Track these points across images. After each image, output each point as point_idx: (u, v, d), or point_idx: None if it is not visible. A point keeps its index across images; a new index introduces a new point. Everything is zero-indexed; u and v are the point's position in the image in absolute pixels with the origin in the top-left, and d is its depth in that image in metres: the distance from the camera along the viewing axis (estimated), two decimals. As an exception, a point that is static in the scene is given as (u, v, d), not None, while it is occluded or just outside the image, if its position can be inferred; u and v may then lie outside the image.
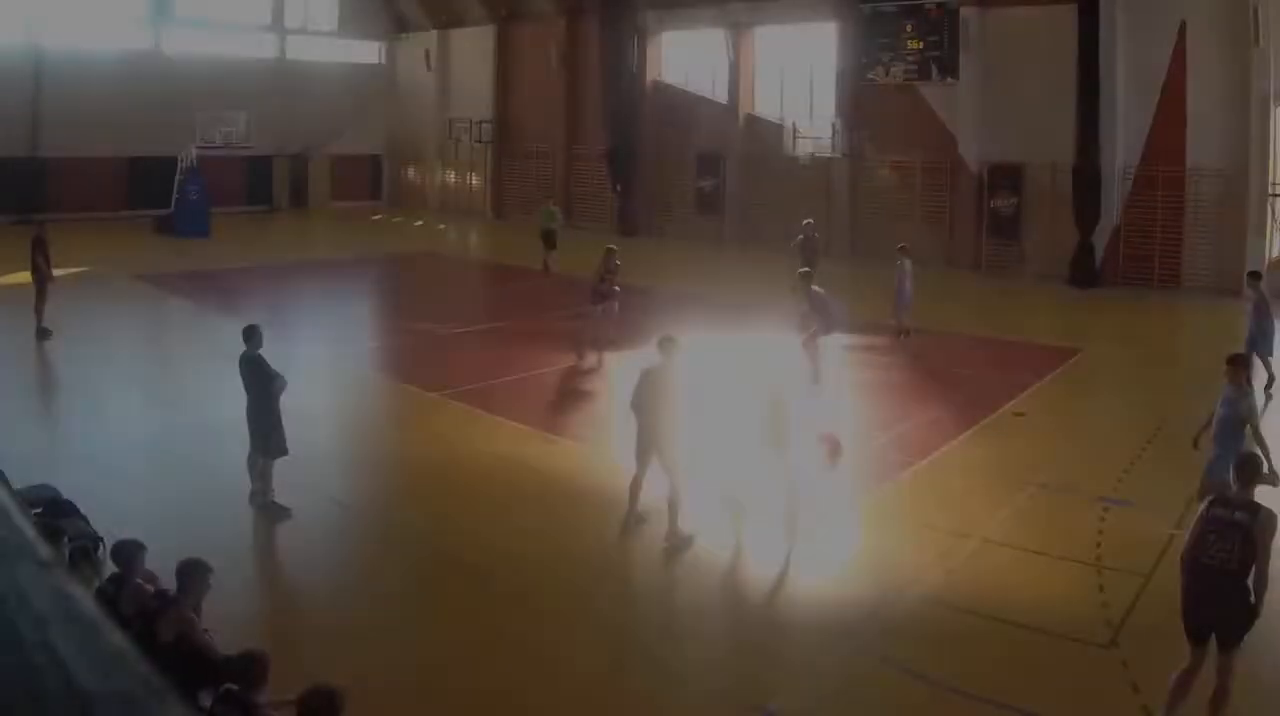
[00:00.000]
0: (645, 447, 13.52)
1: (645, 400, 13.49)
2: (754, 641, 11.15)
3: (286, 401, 14.18)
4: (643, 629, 11.43)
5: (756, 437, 13.51)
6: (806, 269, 21.92)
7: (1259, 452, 10.79)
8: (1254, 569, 8.42)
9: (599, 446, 17.22)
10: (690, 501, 13.51)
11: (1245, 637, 8.59)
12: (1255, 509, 8.66)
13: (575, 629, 11.15)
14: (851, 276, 34.15)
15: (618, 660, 10.60)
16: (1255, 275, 21.79)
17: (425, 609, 11.76)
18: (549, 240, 36.67)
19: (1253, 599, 8.50)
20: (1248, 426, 12.43)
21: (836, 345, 22.54)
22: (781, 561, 12.89)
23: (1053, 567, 12.53)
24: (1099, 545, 12.98)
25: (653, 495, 13.63)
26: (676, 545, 13.15)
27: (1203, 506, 9.00)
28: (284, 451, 13.99)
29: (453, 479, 15.65)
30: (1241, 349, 17.54)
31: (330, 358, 23.85)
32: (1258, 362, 19.33)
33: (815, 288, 21.10)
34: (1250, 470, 9.16)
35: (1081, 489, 15.06)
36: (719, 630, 11.54)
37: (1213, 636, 8.69)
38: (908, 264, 25.61)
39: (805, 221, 31.85)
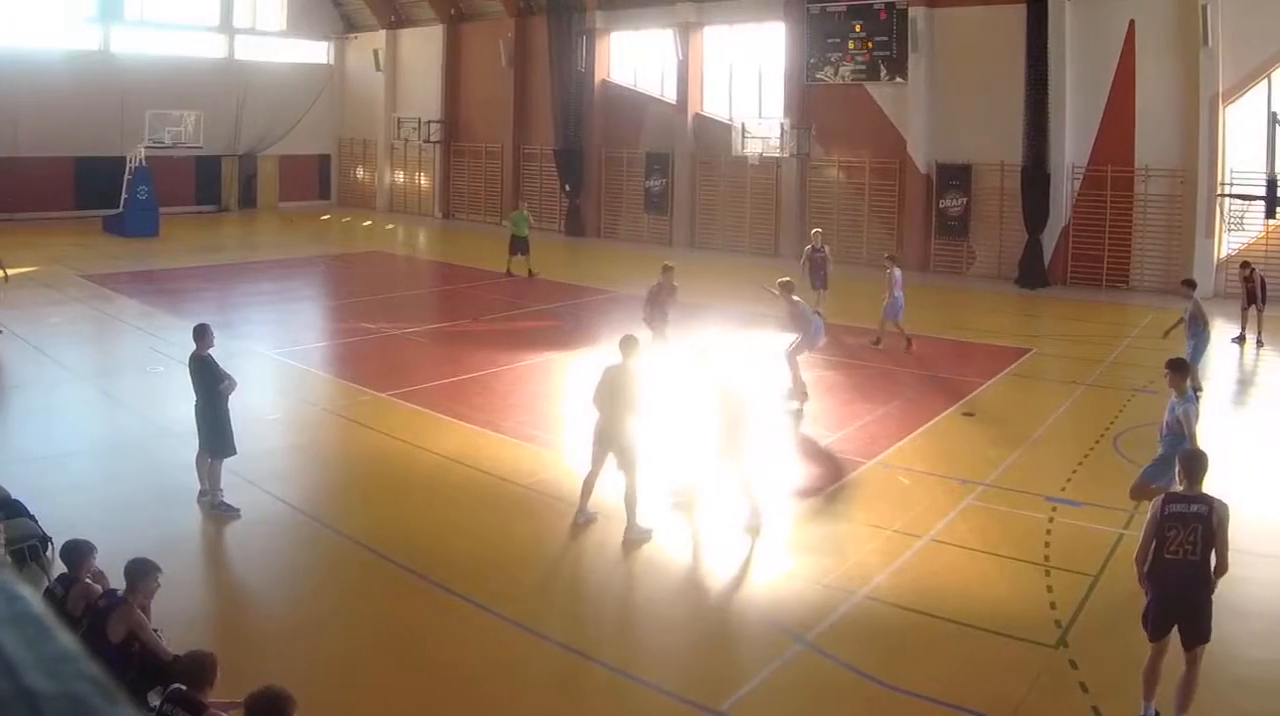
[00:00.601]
0: (602, 444, 13.39)
1: (604, 397, 13.35)
2: (706, 642, 10.92)
3: (235, 401, 14.00)
4: (595, 629, 11.15)
5: (714, 437, 13.41)
6: (786, 279, 20.32)
7: (1203, 450, 10.42)
8: (1216, 556, 8.48)
9: (549, 446, 16.93)
10: (646, 498, 13.37)
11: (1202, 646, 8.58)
12: (1209, 500, 8.65)
13: (528, 629, 10.79)
14: (799, 275, 32.60)
15: (570, 660, 10.29)
16: (1189, 283, 20.96)
17: (374, 608, 11.42)
18: (519, 245, 34.67)
19: (1213, 588, 8.61)
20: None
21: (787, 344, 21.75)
22: (733, 561, 12.75)
23: (1001, 568, 12.28)
24: (1047, 545, 12.76)
25: (604, 494, 13.47)
26: (636, 540, 12.93)
27: (1155, 506, 8.79)
28: (233, 451, 13.78)
29: (403, 479, 15.38)
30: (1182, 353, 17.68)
31: (279, 357, 23.35)
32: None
33: (795, 298, 19.69)
34: (1197, 466, 9.00)
35: (1030, 489, 14.77)
36: (671, 630, 11.18)
37: (1175, 630, 8.68)
38: (897, 272, 24.18)
39: (814, 230, 29.82)
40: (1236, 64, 31.71)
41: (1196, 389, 19.14)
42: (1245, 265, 26.07)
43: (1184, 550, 8.44)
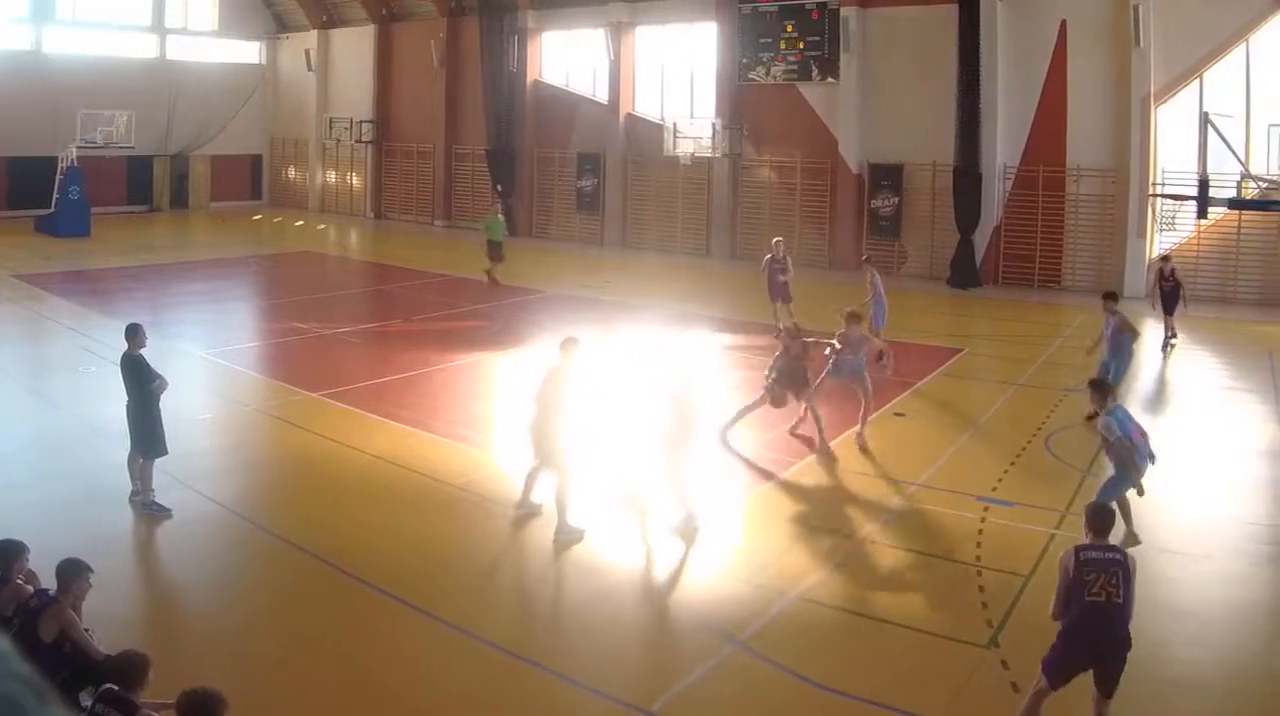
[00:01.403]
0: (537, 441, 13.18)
1: (540, 396, 12.99)
2: (639, 642, 10.68)
3: (167, 401, 13.54)
4: (528, 630, 10.80)
5: (662, 437, 13.14)
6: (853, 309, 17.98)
7: (1111, 505, 9.92)
8: (1131, 602, 8.30)
9: (480, 447, 16.46)
10: (581, 498, 13.10)
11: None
12: (1121, 550, 8.58)
13: (460, 629, 10.42)
14: (730, 275, 33.32)
15: (503, 661, 9.90)
16: (1111, 296, 18.94)
17: (306, 609, 10.95)
18: (495, 252, 32.38)
19: (1130, 641, 8.31)
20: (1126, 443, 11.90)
21: (720, 344, 22.99)
22: (666, 562, 12.44)
23: (933, 568, 12.06)
24: (979, 545, 12.46)
25: (544, 493, 13.28)
26: (566, 540, 12.58)
27: (1069, 556, 8.39)
28: (164, 451, 13.37)
29: (334, 479, 14.86)
30: (1115, 363, 17.89)
31: (210, 357, 22.50)
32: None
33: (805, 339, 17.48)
34: (1103, 521, 8.66)
35: (961, 489, 14.43)
36: (604, 631, 10.73)
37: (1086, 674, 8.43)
38: (877, 275, 22.54)
39: (775, 239, 26.75)
40: (1168, 64, 30.68)
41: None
42: (1166, 259, 24.88)
43: (1107, 592, 8.22)
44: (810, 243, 37.48)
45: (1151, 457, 12.05)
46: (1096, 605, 8.22)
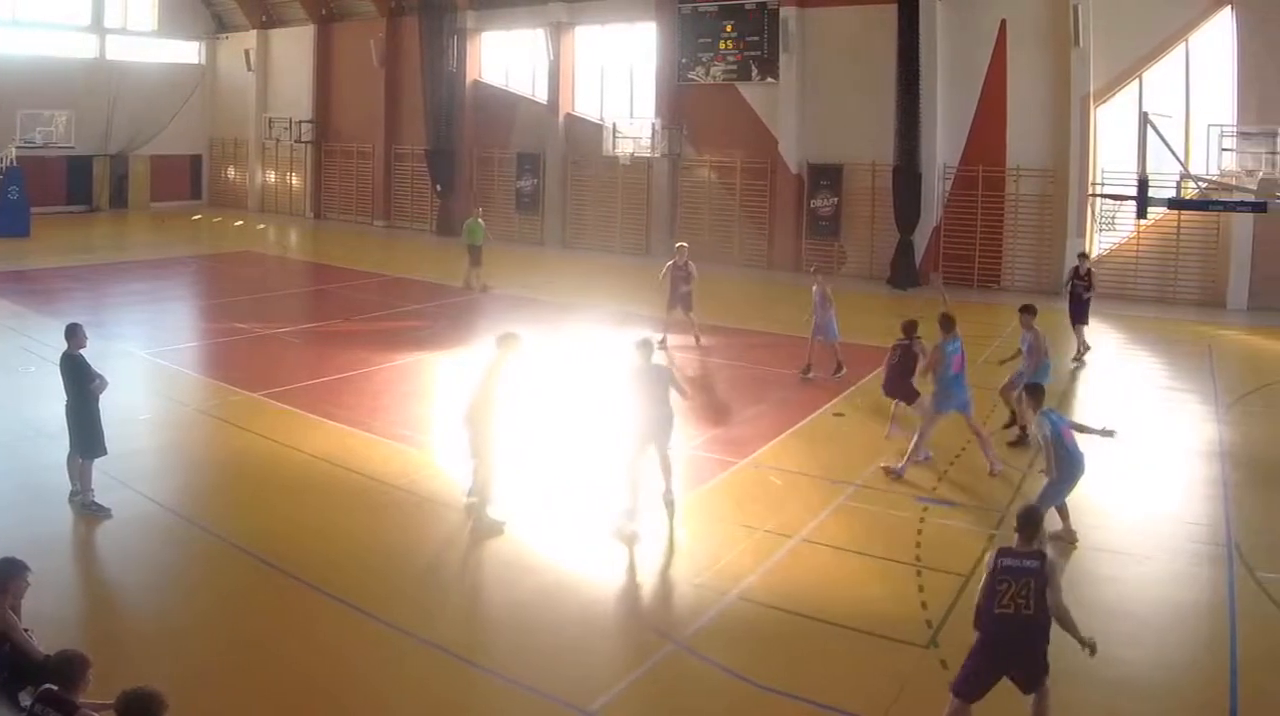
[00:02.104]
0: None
1: (475, 389, 12.77)
2: (578, 642, 10.12)
3: (106, 401, 13.12)
4: (468, 630, 10.41)
5: (631, 429, 13.01)
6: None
7: (1039, 507, 10.33)
8: (1056, 606, 7.92)
9: (420, 447, 15.88)
10: (519, 494, 13.20)
11: (1047, 679, 7.99)
12: (1042, 555, 8.14)
13: (400, 630, 10.04)
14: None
15: (443, 660, 9.58)
16: (1029, 310, 17.33)
17: (247, 609, 10.56)
18: (475, 256, 30.30)
19: (1048, 644, 7.97)
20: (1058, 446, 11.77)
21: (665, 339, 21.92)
22: (606, 561, 12.01)
23: (872, 568, 11.67)
24: (919, 546, 12.17)
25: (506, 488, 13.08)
26: (484, 531, 12.41)
27: (991, 558, 8.16)
28: (103, 451, 12.94)
29: (274, 479, 14.40)
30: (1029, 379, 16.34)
31: (150, 357, 21.61)
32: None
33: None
34: (1032, 524, 8.33)
35: (901, 489, 14.08)
36: (544, 631, 10.25)
37: (1006, 681, 8.08)
38: (828, 287, 20.48)
39: (679, 244, 24.12)
40: (1108, 64, 29.59)
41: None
42: (1084, 257, 23.53)
43: (1016, 604, 7.90)
44: (750, 243, 36.18)
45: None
46: (1005, 617, 7.90)
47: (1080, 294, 22.41)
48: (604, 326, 24.92)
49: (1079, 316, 22.49)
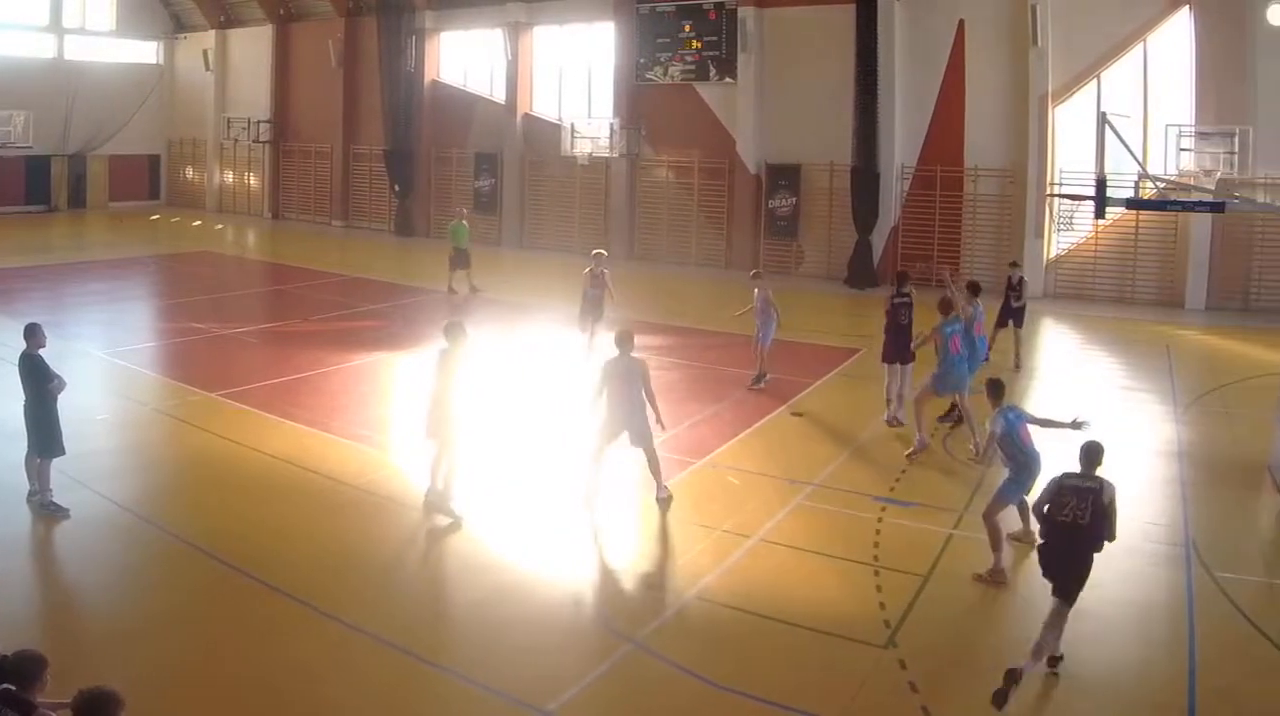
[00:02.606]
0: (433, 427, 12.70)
1: (432, 380, 12.69)
2: (536, 642, 9.76)
3: (64, 401, 12.78)
4: (427, 630, 10.02)
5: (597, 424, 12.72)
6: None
7: (1006, 496, 11.16)
8: (1107, 523, 8.88)
9: (378, 446, 15.40)
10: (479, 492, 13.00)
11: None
12: (1101, 479, 8.96)
13: (359, 630, 9.74)
14: (628, 276, 30.39)
15: (401, 660, 9.26)
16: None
17: (205, 609, 10.23)
18: (460, 259, 28.54)
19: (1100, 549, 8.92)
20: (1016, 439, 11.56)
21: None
22: (564, 561, 11.58)
23: (831, 568, 11.36)
24: (877, 546, 11.86)
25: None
26: (442, 514, 12.31)
27: (1055, 480, 9.04)
28: (61, 451, 12.65)
29: (233, 479, 13.95)
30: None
31: (108, 357, 20.95)
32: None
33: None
34: (1095, 455, 9.10)
35: (859, 489, 13.73)
36: (502, 631, 9.95)
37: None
38: (765, 292, 19.07)
39: (595, 251, 22.82)
40: (1066, 64, 28.59)
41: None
42: (1015, 265, 22.60)
43: (1074, 516, 8.78)
44: (708, 243, 34.94)
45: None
46: (1062, 525, 8.84)
47: (1011, 302, 21.38)
48: (560, 327, 23.98)
49: (1014, 322, 21.35)
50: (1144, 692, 8.91)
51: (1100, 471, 9.05)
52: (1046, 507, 8.97)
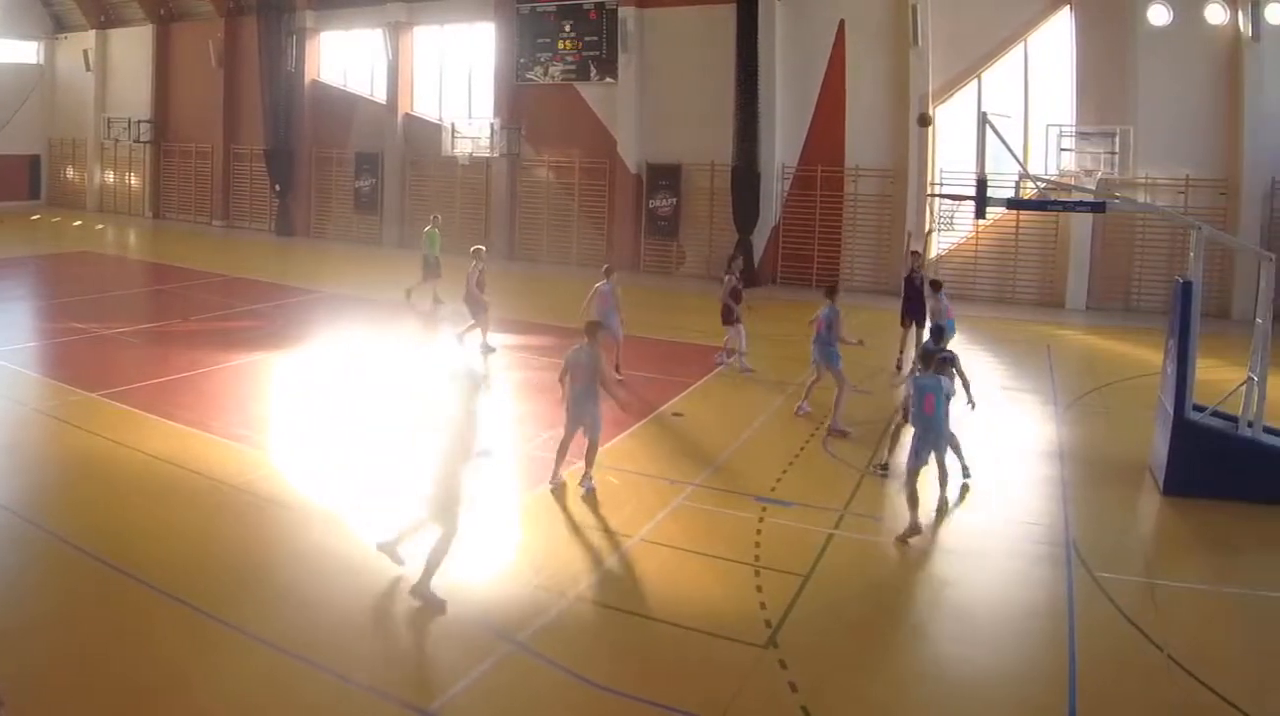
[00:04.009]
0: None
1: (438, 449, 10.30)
2: (416, 642, 8.87)
3: None
4: (303, 630, 8.75)
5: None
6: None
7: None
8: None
9: (258, 447, 14.04)
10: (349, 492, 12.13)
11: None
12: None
13: (238, 630, 8.69)
14: (508, 275, 28.91)
15: (280, 661, 8.25)
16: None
17: (87, 609, 9.05)
18: (432, 268, 24.24)
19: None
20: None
21: (497, 344, 19.96)
22: (445, 562, 9.70)
23: (711, 568, 10.33)
24: (758, 545, 10.85)
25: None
26: (427, 603, 9.53)
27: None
28: None
29: (113, 479, 12.56)
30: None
31: None
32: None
33: None
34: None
35: (740, 489, 12.67)
36: (381, 631, 8.99)
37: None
38: (607, 286, 17.79)
39: (474, 247, 20.63)
40: (946, 64, 25.71)
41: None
42: (916, 254, 20.09)
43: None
44: (588, 243, 31.30)
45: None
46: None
47: (911, 295, 19.29)
48: (436, 326, 22.53)
49: (912, 316, 19.31)
50: (1025, 694, 8.16)
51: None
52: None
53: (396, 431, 14.38)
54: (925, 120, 18.16)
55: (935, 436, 11.33)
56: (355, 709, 7.92)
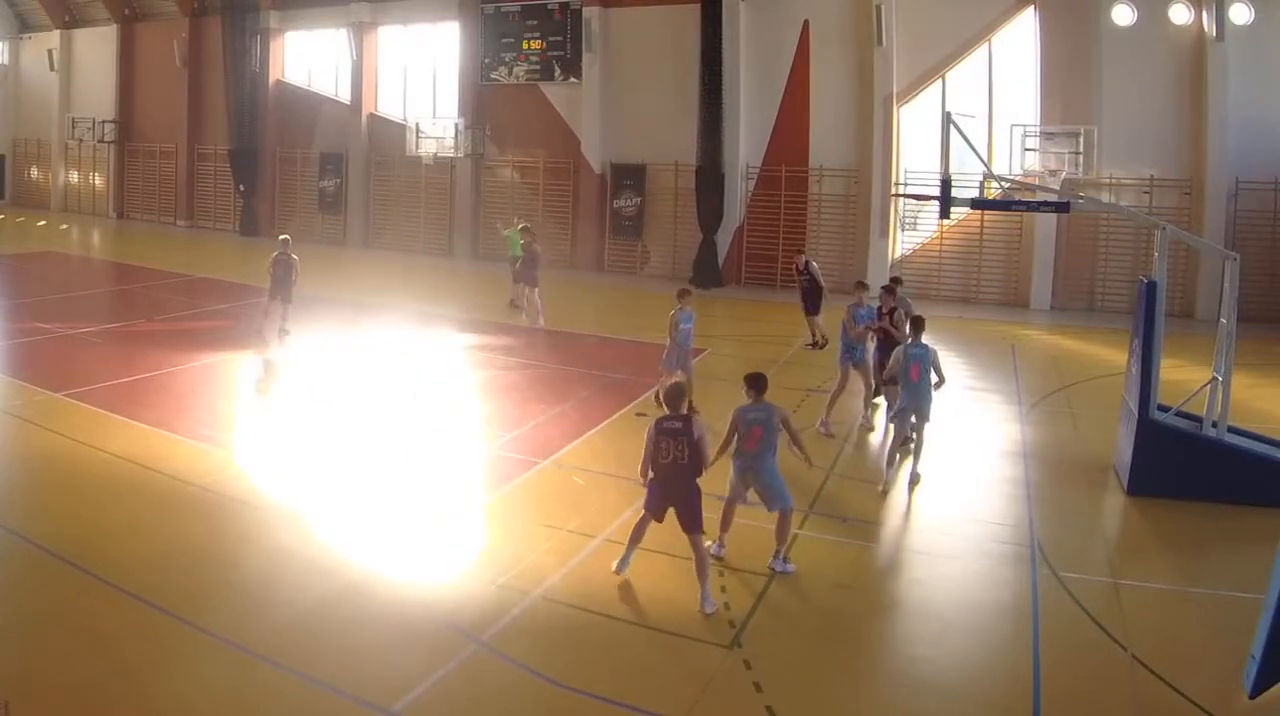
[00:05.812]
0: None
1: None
2: (379, 642, 8.38)
3: None
4: (264, 630, 8.47)
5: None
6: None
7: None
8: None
9: (223, 446, 13.57)
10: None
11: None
12: (691, 419, 9.04)
13: (202, 629, 8.40)
14: (473, 275, 28.95)
15: (244, 660, 7.97)
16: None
17: (50, 609, 8.73)
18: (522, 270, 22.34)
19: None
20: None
21: (462, 344, 20.19)
22: (408, 561, 10.04)
23: (675, 568, 9.73)
24: (722, 545, 10.19)
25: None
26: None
27: (650, 429, 8.94)
28: None
29: (78, 479, 12.12)
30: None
31: None
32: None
33: None
34: (674, 397, 9.31)
35: (705, 489, 10.74)
36: (345, 631, 8.54)
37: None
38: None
39: (281, 237, 20.86)
40: (911, 64, 24.67)
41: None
42: (800, 253, 19.92)
43: (674, 455, 8.81)
44: (553, 243, 29.81)
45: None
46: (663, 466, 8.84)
47: (803, 287, 20.17)
48: (402, 326, 22.14)
49: (809, 307, 20.18)
50: (989, 695, 7.89)
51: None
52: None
53: (361, 429, 14.19)
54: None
55: (919, 402, 11.61)
56: (319, 709, 7.68)
